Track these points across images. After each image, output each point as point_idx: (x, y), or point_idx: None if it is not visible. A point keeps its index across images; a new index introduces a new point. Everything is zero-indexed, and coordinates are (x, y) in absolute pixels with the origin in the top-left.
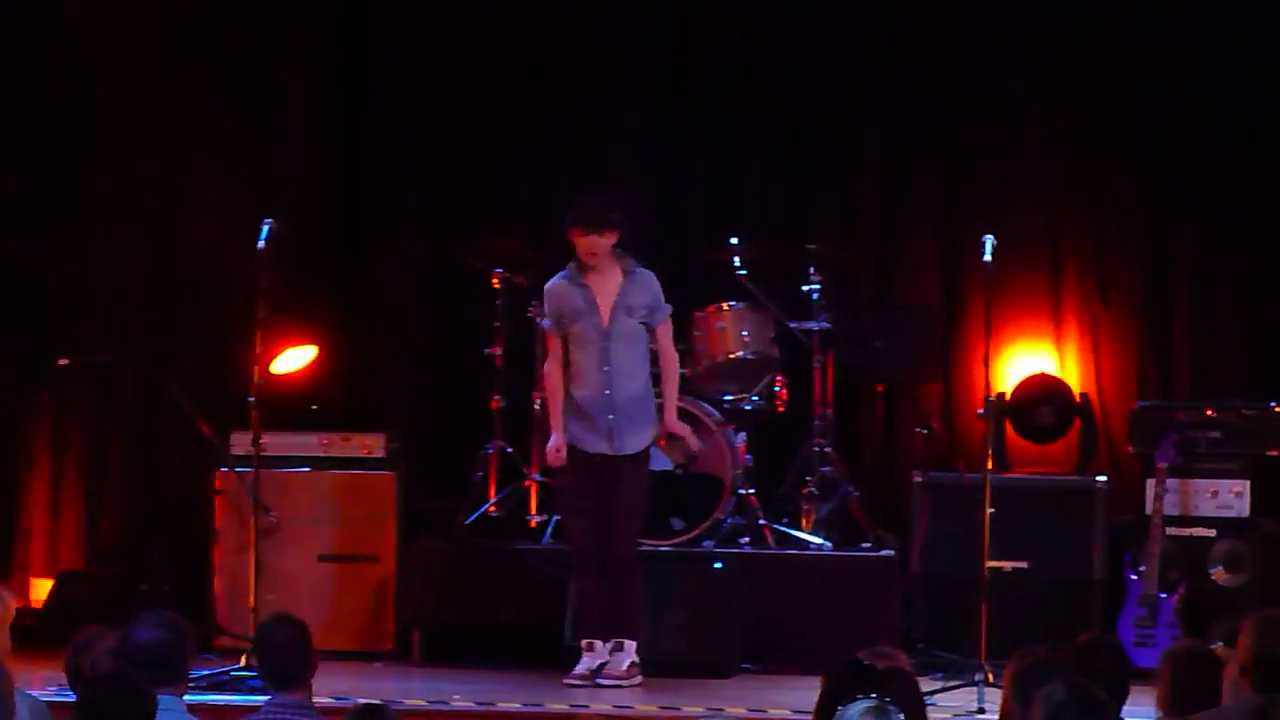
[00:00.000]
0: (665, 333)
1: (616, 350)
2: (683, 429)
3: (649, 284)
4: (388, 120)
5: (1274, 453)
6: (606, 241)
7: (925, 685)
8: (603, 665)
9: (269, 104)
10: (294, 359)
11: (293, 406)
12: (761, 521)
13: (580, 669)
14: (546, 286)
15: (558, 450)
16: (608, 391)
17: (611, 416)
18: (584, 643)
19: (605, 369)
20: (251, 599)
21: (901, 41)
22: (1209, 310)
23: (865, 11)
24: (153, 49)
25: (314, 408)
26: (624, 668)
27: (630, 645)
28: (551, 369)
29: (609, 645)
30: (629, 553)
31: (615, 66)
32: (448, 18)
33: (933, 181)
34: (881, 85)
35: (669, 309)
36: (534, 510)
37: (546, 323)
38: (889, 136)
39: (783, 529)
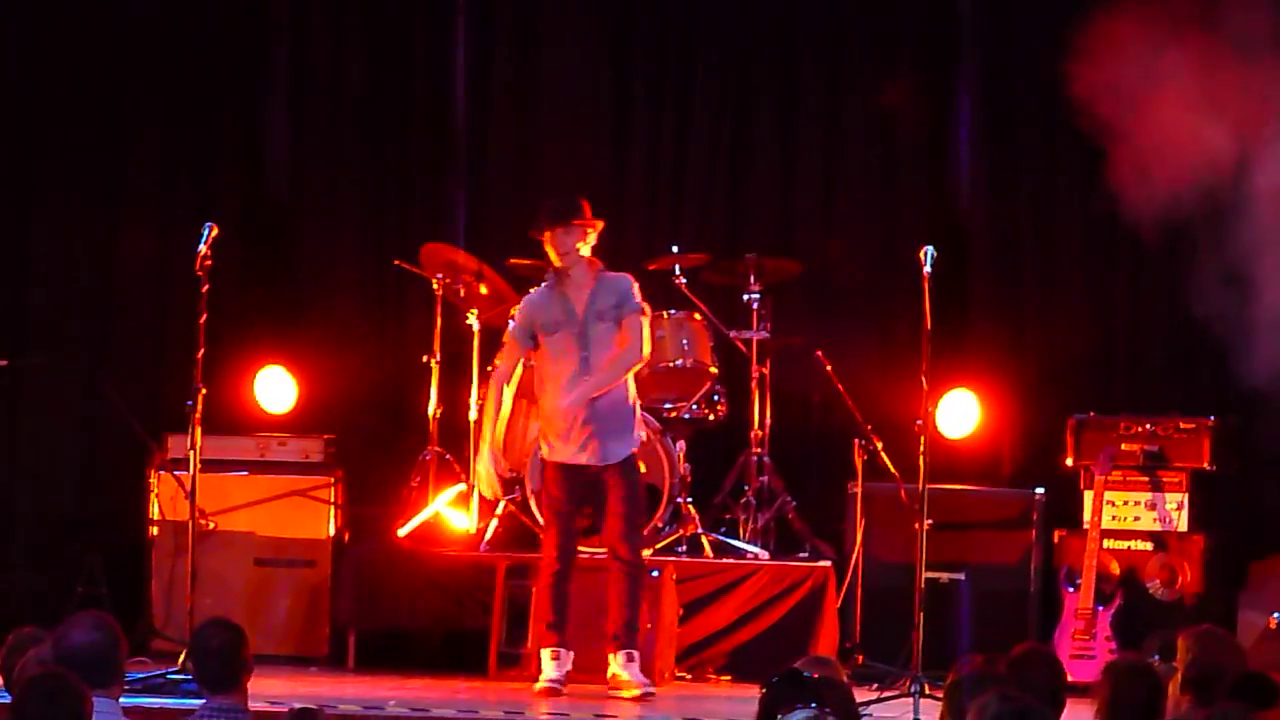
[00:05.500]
0: (628, 325)
1: (595, 358)
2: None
3: (617, 285)
4: (325, 125)
5: (1211, 466)
6: (574, 238)
7: (861, 696)
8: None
9: (210, 109)
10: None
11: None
12: (699, 530)
13: (555, 675)
14: (525, 298)
15: (487, 477)
16: (587, 401)
17: (591, 426)
18: (550, 650)
19: (585, 379)
20: (188, 602)
21: (844, 49)
22: (1145, 321)
23: (807, 17)
24: (94, 57)
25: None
26: (642, 678)
27: (638, 656)
28: (498, 383)
29: (570, 654)
30: (634, 560)
31: (556, 76)
32: (372, 24)
33: (872, 193)
34: (822, 94)
35: (638, 306)
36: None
37: (511, 325)
38: (828, 147)
39: (720, 538)
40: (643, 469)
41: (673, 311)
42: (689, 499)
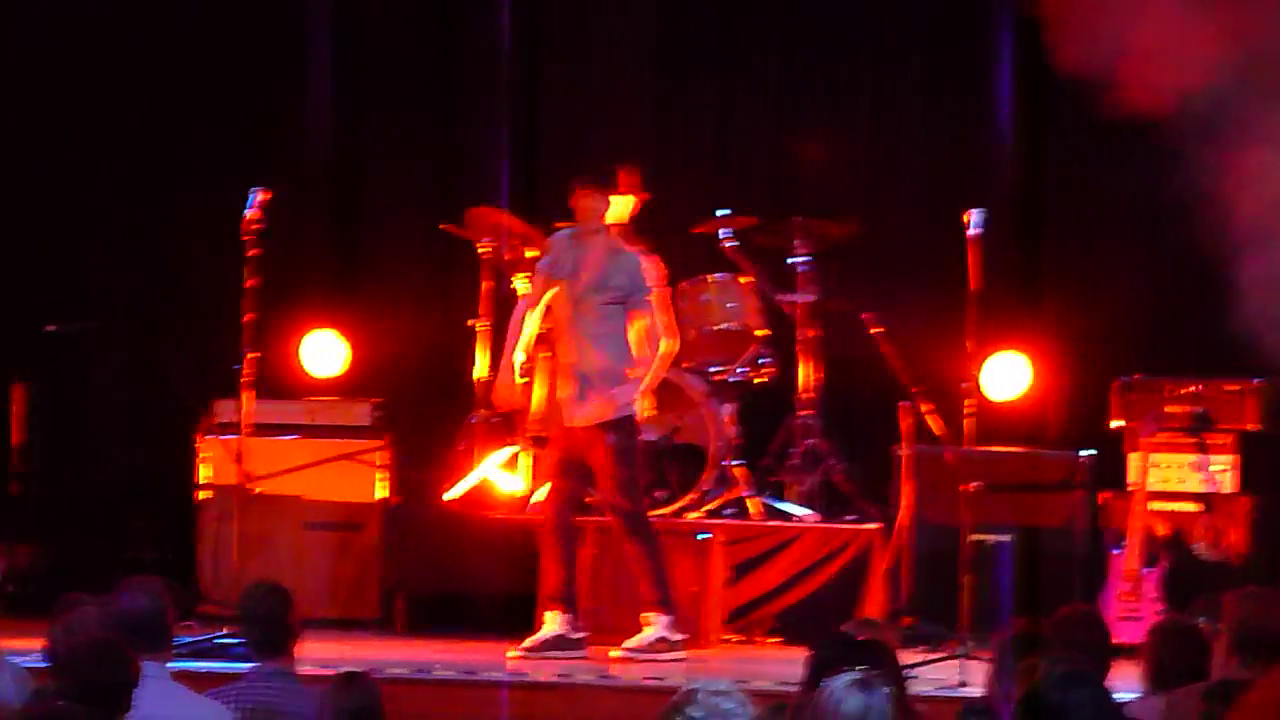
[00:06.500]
0: (650, 313)
1: (585, 322)
2: (621, 404)
3: (629, 266)
4: (372, 88)
5: (1257, 427)
6: (603, 206)
7: (909, 657)
8: (559, 637)
9: (259, 74)
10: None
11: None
12: (747, 493)
13: (531, 639)
14: (553, 236)
15: (501, 387)
16: (573, 360)
17: (574, 387)
18: (544, 613)
19: (572, 338)
20: (236, 567)
21: (893, 10)
22: (1191, 283)
23: None
24: (142, 24)
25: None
26: (647, 642)
27: (657, 619)
28: (522, 308)
29: (568, 616)
30: (624, 524)
31: (605, 36)
32: None
33: (920, 155)
34: (871, 57)
35: (648, 290)
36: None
37: (544, 262)
38: (875, 109)
39: (768, 500)
40: (636, 432)
41: (719, 274)
42: (736, 462)
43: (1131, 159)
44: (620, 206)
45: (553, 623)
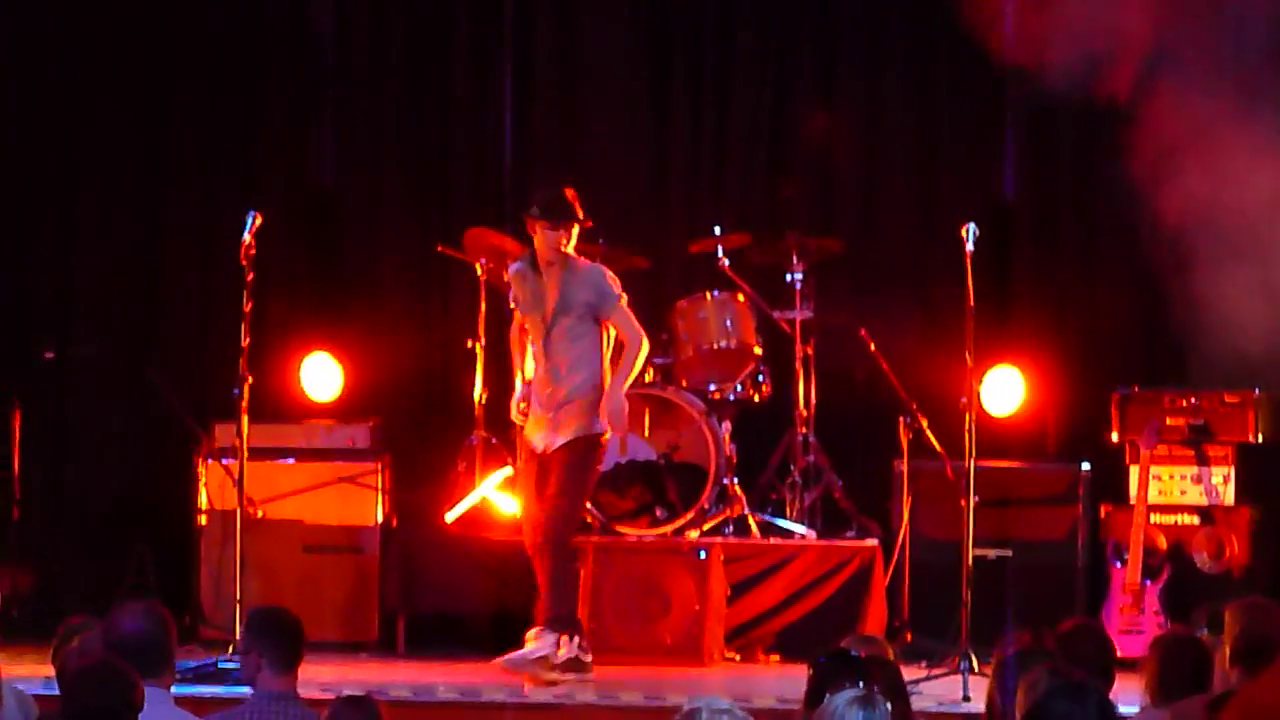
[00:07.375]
0: (618, 322)
1: (557, 347)
2: (613, 411)
3: (590, 279)
4: (368, 111)
5: (1256, 439)
6: (566, 238)
7: (910, 673)
8: (575, 659)
9: (254, 98)
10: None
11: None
12: (745, 510)
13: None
14: (511, 270)
15: (518, 402)
16: (549, 389)
17: (551, 413)
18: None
19: (547, 365)
20: (237, 590)
21: (881, 29)
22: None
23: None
24: (137, 48)
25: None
26: (533, 657)
27: (545, 635)
28: (513, 338)
29: (574, 637)
30: (551, 526)
31: (598, 60)
32: (414, 8)
33: (913, 170)
34: (862, 72)
35: (617, 298)
36: None
37: (521, 307)
38: (869, 124)
39: (767, 518)
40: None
41: (716, 292)
42: (735, 479)
43: (1124, 169)
44: (575, 237)
45: (563, 646)
